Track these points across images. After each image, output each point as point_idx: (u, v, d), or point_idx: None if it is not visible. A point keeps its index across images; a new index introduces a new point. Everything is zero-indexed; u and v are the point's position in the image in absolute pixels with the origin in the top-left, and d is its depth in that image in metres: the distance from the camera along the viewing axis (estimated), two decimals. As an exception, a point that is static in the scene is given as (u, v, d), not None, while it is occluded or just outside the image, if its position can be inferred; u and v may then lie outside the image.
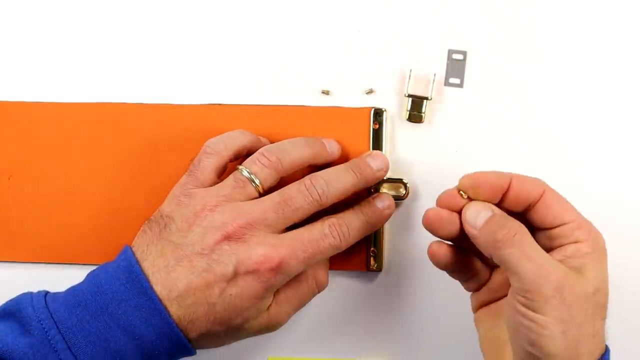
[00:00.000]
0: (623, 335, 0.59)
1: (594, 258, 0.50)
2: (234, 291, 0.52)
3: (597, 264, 0.50)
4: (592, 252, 0.50)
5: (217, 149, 0.56)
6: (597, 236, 0.51)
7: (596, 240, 0.51)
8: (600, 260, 0.50)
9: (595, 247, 0.50)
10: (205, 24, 0.63)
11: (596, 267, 0.50)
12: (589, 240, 0.50)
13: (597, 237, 0.51)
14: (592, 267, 0.49)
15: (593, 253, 0.50)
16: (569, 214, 0.51)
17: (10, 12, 0.63)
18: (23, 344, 0.51)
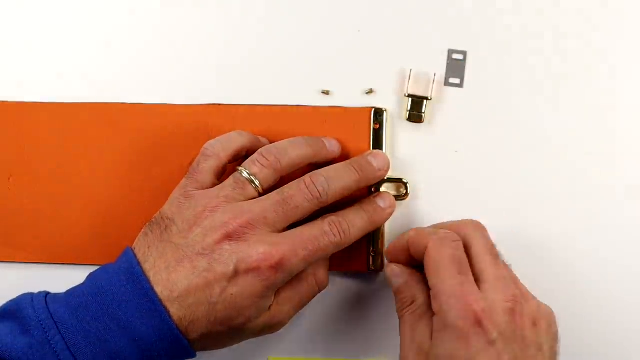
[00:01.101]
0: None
1: (439, 337, 0.51)
2: (234, 290, 0.52)
3: (442, 346, 0.51)
4: (439, 330, 0.52)
5: (215, 151, 0.56)
6: (447, 313, 0.51)
7: (444, 318, 0.51)
8: (445, 342, 0.51)
9: (441, 324, 0.51)
10: (204, 24, 0.63)
11: (438, 347, 0.51)
12: (438, 315, 0.52)
13: (447, 315, 0.51)
14: (436, 349, 0.51)
15: (439, 332, 0.51)
16: (432, 279, 0.53)
17: (10, 12, 0.63)
18: (22, 344, 0.51)
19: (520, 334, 0.52)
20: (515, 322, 0.52)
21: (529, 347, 0.52)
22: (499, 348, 0.51)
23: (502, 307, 0.52)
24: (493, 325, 0.51)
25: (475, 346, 0.50)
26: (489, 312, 0.51)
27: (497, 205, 0.61)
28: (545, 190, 0.61)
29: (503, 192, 0.61)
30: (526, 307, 0.53)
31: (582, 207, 0.60)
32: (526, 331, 0.52)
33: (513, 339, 0.51)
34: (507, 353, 0.51)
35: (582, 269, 0.60)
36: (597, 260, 0.60)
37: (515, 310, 0.52)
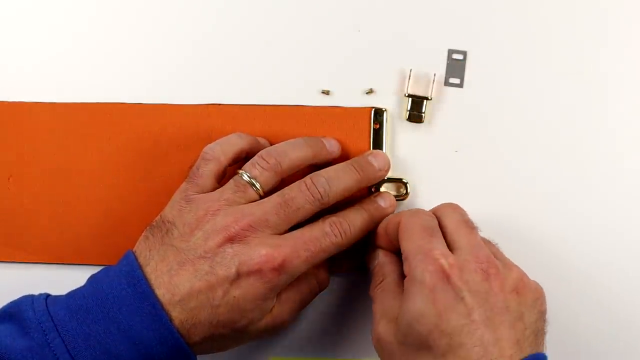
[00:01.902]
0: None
1: (406, 297, 0.51)
2: (237, 293, 0.52)
3: (409, 303, 0.50)
4: (407, 289, 0.51)
5: (215, 154, 0.56)
6: (414, 269, 0.51)
7: (412, 275, 0.51)
8: (412, 298, 0.50)
9: (409, 282, 0.51)
10: (204, 24, 0.62)
11: (405, 307, 0.51)
12: (408, 275, 0.52)
13: (414, 271, 0.51)
14: (403, 309, 0.51)
15: (407, 290, 0.51)
16: (403, 244, 0.54)
17: (10, 12, 0.63)
18: (22, 346, 0.51)
19: (494, 298, 0.50)
20: (489, 283, 0.50)
21: (506, 312, 0.50)
22: (469, 305, 0.49)
23: (474, 267, 0.51)
24: (462, 282, 0.50)
25: (442, 302, 0.49)
26: (458, 269, 0.50)
27: (497, 205, 0.61)
28: (545, 190, 0.61)
29: (503, 192, 0.61)
30: (506, 273, 0.51)
31: (582, 207, 0.61)
32: (502, 296, 0.50)
33: (485, 300, 0.50)
34: (478, 313, 0.49)
35: (582, 268, 0.60)
36: (598, 260, 0.60)
37: (489, 272, 0.51)
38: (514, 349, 0.49)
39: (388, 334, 0.52)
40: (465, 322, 0.49)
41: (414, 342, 0.50)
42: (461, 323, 0.49)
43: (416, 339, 0.50)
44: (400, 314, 0.51)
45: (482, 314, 0.49)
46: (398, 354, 0.51)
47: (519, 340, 0.50)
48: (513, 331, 0.50)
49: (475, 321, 0.49)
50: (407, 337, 0.50)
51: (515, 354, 0.49)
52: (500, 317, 0.50)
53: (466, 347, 0.48)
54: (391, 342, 0.52)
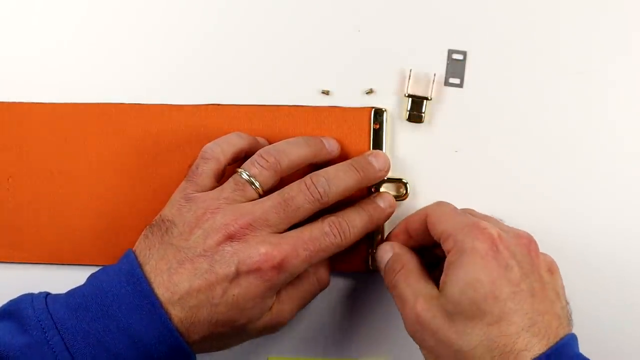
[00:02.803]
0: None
1: (456, 267, 0.51)
2: (236, 291, 0.52)
3: (461, 272, 0.50)
4: (455, 260, 0.51)
5: (214, 154, 0.56)
6: (463, 241, 0.51)
7: (461, 245, 0.51)
8: (464, 267, 0.50)
9: (458, 253, 0.51)
10: (204, 24, 0.62)
11: (456, 276, 0.50)
12: (453, 249, 0.52)
13: (463, 242, 0.51)
14: (453, 278, 0.51)
15: (455, 261, 0.51)
16: (440, 226, 0.54)
17: (9, 12, 0.63)
18: (21, 343, 0.51)
19: (537, 272, 0.51)
20: (531, 257, 0.52)
21: (547, 287, 0.51)
22: (517, 275, 0.50)
23: (517, 242, 0.52)
24: (509, 252, 0.51)
25: (495, 269, 0.50)
26: (505, 240, 0.51)
27: (497, 205, 0.61)
28: (545, 190, 0.61)
29: (503, 192, 0.61)
30: (541, 254, 0.53)
31: (582, 207, 0.61)
32: (542, 271, 0.52)
33: (531, 272, 0.51)
34: (525, 284, 0.50)
35: (582, 268, 0.61)
36: (598, 259, 0.61)
37: (530, 247, 0.52)
38: (558, 323, 0.50)
39: (431, 309, 0.51)
40: (516, 290, 0.50)
41: (468, 310, 0.50)
42: (513, 290, 0.50)
43: (469, 307, 0.49)
44: (450, 285, 0.51)
45: (529, 285, 0.50)
46: (445, 328, 0.50)
47: (560, 317, 0.51)
48: (555, 306, 0.51)
49: (524, 290, 0.50)
50: (458, 307, 0.50)
51: (559, 328, 0.50)
52: (542, 292, 0.51)
53: (518, 314, 0.49)
54: (435, 316, 0.51)
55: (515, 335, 0.49)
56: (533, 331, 0.49)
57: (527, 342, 0.48)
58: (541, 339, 0.49)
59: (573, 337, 0.51)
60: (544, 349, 0.48)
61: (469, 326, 0.49)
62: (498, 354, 0.48)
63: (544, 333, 0.49)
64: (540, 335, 0.49)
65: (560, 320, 0.51)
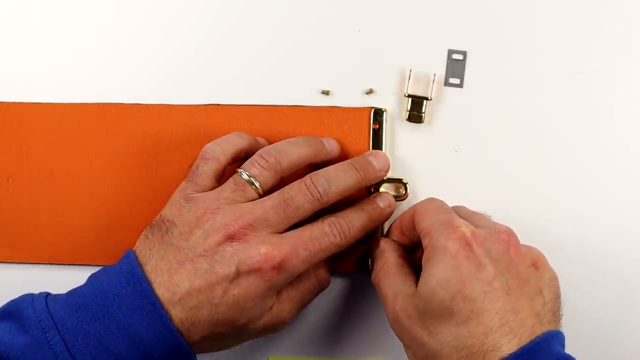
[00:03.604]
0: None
1: (428, 266, 0.51)
2: (236, 291, 0.52)
3: (432, 271, 0.50)
4: (428, 258, 0.51)
5: (214, 154, 0.56)
6: (437, 239, 0.51)
7: (435, 244, 0.51)
8: (435, 266, 0.50)
9: (431, 252, 0.51)
10: (203, 24, 0.62)
11: (428, 275, 0.51)
12: (429, 246, 0.52)
13: (437, 240, 0.51)
14: (425, 277, 0.51)
15: (428, 260, 0.51)
16: (421, 224, 0.54)
17: (9, 13, 0.63)
18: (21, 343, 0.51)
19: (515, 269, 0.51)
20: (509, 254, 0.51)
21: (526, 284, 0.51)
22: (490, 273, 0.50)
23: (495, 239, 0.51)
24: (484, 250, 0.50)
25: (465, 268, 0.50)
26: (480, 239, 0.51)
27: (497, 205, 0.61)
28: (545, 190, 0.61)
29: (503, 192, 0.61)
30: (526, 248, 0.52)
31: (583, 207, 0.61)
32: (522, 268, 0.51)
33: (506, 270, 0.50)
34: (500, 282, 0.50)
35: (583, 267, 0.60)
36: (598, 259, 0.60)
37: (510, 243, 0.51)
38: (534, 321, 0.50)
39: (407, 308, 0.52)
40: (488, 289, 0.49)
41: (436, 309, 0.50)
42: (484, 290, 0.49)
43: (439, 306, 0.50)
44: (422, 283, 0.51)
45: (504, 283, 0.50)
46: (418, 327, 0.51)
47: (539, 314, 0.50)
48: (533, 304, 0.50)
49: (497, 289, 0.50)
50: (429, 305, 0.50)
51: (535, 325, 0.49)
52: (520, 289, 0.50)
53: (488, 314, 0.49)
54: (410, 315, 0.51)
55: (483, 336, 0.48)
56: (503, 331, 0.48)
57: (495, 343, 0.48)
58: (512, 339, 0.48)
59: (555, 335, 0.50)
60: (514, 348, 0.48)
61: (438, 326, 0.50)
62: (466, 354, 0.48)
63: (516, 332, 0.48)
64: (512, 334, 0.48)
65: (539, 317, 0.50)
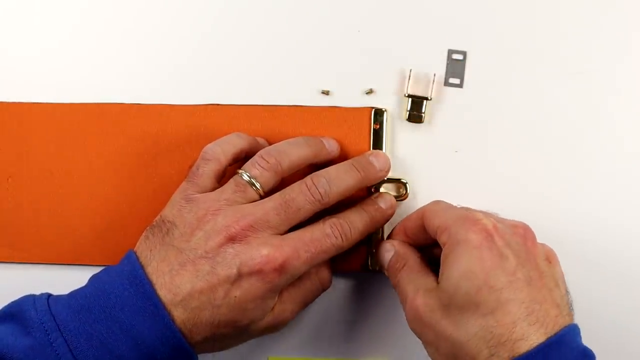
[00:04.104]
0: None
1: (450, 259, 0.51)
2: (238, 293, 0.52)
3: (455, 264, 0.50)
4: (449, 252, 0.51)
5: (215, 154, 0.56)
6: (457, 233, 0.51)
7: (455, 238, 0.51)
8: (458, 258, 0.50)
9: (453, 245, 0.51)
10: (203, 24, 0.62)
11: (451, 268, 0.51)
12: (448, 242, 0.52)
13: (457, 234, 0.51)
14: (448, 271, 0.51)
15: (450, 254, 0.51)
16: (435, 221, 0.54)
17: (7, 13, 0.63)
18: (24, 345, 0.51)
19: (533, 261, 0.51)
20: (527, 246, 0.52)
21: (544, 276, 0.51)
22: (512, 264, 0.50)
23: (513, 231, 0.52)
24: (504, 241, 0.51)
25: (489, 259, 0.50)
26: (500, 230, 0.51)
27: (496, 205, 0.60)
28: (545, 190, 0.61)
29: (503, 192, 0.61)
30: (539, 243, 0.53)
31: (583, 207, 0.61)
32: (539, 260, 0.52)
33: (527, 261, 0.51)
34: (522, 273, 0.50)
35: (583, 268, 0.61)
36: (598, 260, 0.61)
37: (526, 237, 0.52)
38: (557, 312, 0.50)
39: (429, 302, 0.51)
40: (512, 279, 0.49)
41: (461, 302, 0.49)
42: (508, 280, 0.49)
43: (464, 298, 0.49)
44: (445, 277, 0.51)
45: (525, 274, 0.50)
46: (442, 321, 0.50)
47: (559, 306, 0.50)
48: (553, 295, 0.51)
49: (520, 279, 0.50)
50: (453, 299, 0.50)
51: (558, 317, 0.49)
52: (540, 280, 0.50)
53: (514, 304, 0.49)
54: (433, 309, 0.51)
55: (512, 325, 0.48)
56: (530, 320, 0.48)
57: (524, 332, 0.48)
58: (539, 328, 0.48)
59: (574, 328, 0.50)
60: (542, 338, 0.48)
61: (464, 317, 0.49)
62: (494, 344, 0.48)
63: (542, 322, 0.49)
64: (538, 324, 0.49)
65: (560, 309, 0.50)
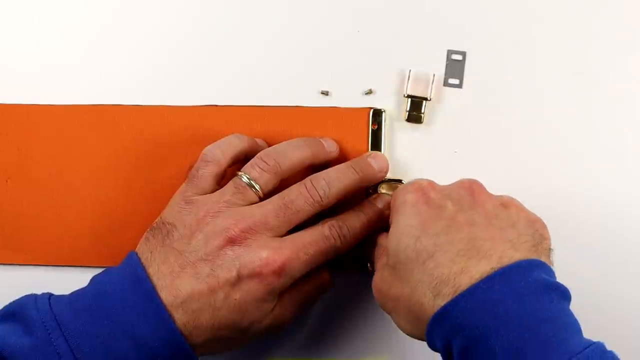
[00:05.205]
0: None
1: (393, 223, 0.51)
2: (238, 295, 0.52)
3: (395, 224, 0.51)
4: (392, 218, 0.52)
5: (215, 156, 0.56)
6: (395, 200, 0.52)
7: (395, 204, 0.52)
8: (398, 219, 0.51)
9: (394, 212, 0.52)
10: (203, 24, 0.62)
11: (392, 230, 0.51)
12: (391, 213, 0.53)
13: (395, 201, 0.52)
14: (390, 232, 0.51)
15: (393, 219, 0.52)
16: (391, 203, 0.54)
17: (7, 14, 0.63)
18: (25, 344, 0.51)
19: (481, 207, 0.50)
20: (472, 196, 0.51)
21: (494, 218, 0.49)
22: (451, 211, 0.49)
23: (455, 187, 0.52)
24: (442, 194, 0.51)
25: (426, 213, 0.50)
26: (438, 187, 0.52)
27: (496, 206, 0.61)
28: (544, 190, 0.61)
29: (502, 192, 0.60)
30: (493, 194, 0.52)
31: (583, 206, 0.61)
32: (489, 205, 0.50)
33: (470, 207, 0.50)
34: (463, 216, 0.49)
35: (583, 268, 0.61)
36: (599, 260, 0.61)
37: (472, 188, 0.51)
38: (506, 247, 0.48)
39: (383, 273, 0.52)
40: (450, 223, 0.49)
41: (403, 257, 0.49)
42: (447, 224, 0.49)
43: (405, 252, 0.49)
44: (388, 240, 0.51)
45: (467, 217, 0.49)
46: (393, 284, 0.50)
47: (512, 242, 0.48)
48: (504, 233, 0.49)
49: (460, 222, 0.49)
50: (397, 256, 0.50)
51: (507, 251, 0.47)
52: (487, 221, 0.49)
53: (452, 243, 0.48)
54: (385, 278, 0.51)
55: (450, 262, 0.47)
56: (470, 254, 0.47)
57: (463, 266, 0.46)
58: (480, 260, 0.47)
59: (535, 262, 0.47)
60: (485, 270, 0.46)
61: (408, 271, 0.49)
62: (437, 284, 0.47)
63: (484, 255, 0.47)
64: (479, 257, 0.47)
65: (513, 243, 0.48)
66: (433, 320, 0.47)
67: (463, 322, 0.45)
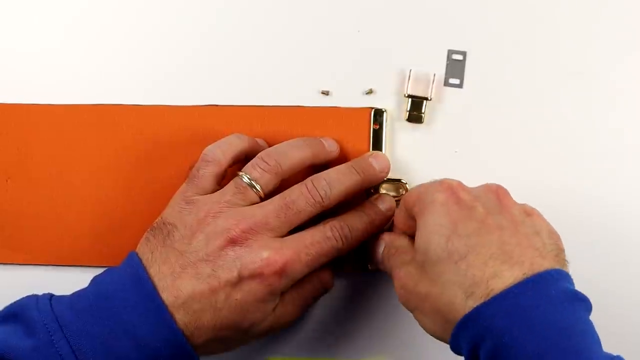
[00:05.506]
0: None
1: (422, 222, 0.51)
2: (239, 296, 0.52)
3: (425, 223, 0.50)
4: (420, 217, 0.51)
5: (215, 156, 0.56)
6: (424, 199, 0.51)
7: (423, 203, 0.51)
8: (427, 218, 0.50)
9: (422, 210, 0.51)
10: (203, 24, 0.62)
11: (421, 228, 0.50)
12: (419, 210, 0.52)
13: (425, 200, 0.51)
14: (419, 231, 0.51)
15: (421, 217, 0.51)
16: (409, 200, 0.53)
17: (7, 14, 0.63)
18: (27, 346, 0.51)
19: (508, 212, 0.50)
20: (499, 200, 0.51)
21: (520, 224, 0.49)
22: (481, 213, 0.49)
23: (485, 190, 0.51)
24: (472, 196, 0.50)
25: (456, 213, 0.49)
26: (467, 188, 0.51)
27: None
28: (545, 190, 0.61)
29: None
30: (517, 201, 0.52)
31: (583, 206, 0.61)
32: (516, 211, 0.50)
33: (498, 212, 0.50)
34: (493, 220, 0.49)
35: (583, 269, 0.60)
36: (599, 261, 0.61)
37: (499, 192, 0.51)
38: (535, 253, 0.48)
39: (409, 270, 0.51)
40: (481, 225, 0.49)
41: (434, 256, 0.49)
42: (477, 226, 0.49)
43: (435, 251, 0.49)
44: (417, 238, 0.51)
45: (497, 221, 0.49)
46: (420, 282, 0.50)
47: (539, 249, 0.49)
48: (531, 240, 0.49)
49: (490, 225, 0.49)
50: (427, 255, 0.49)
51: (537, 257, 0.48)
52: (514, 227, 0.49)
53: (484, 246, 0.48)
54: (412, 275, 0.51)
55: (483, 264, 0.47)
56: (502, 258, 0.47)
57: (497, 270, 0.47)
58: (512, 266, 0.47)
59: (562, 272, 0.48)
60: (519, 276, 0.46)
61: (439, 270, 0.49)
62: (469, 285, 0.47)
63: (516, 260, 0.47)
64: (511, 262, 0.47)
65: (540, 251, 0.48)
66: (464, 320, 0.47)
67: (494, 324, 0.46)
